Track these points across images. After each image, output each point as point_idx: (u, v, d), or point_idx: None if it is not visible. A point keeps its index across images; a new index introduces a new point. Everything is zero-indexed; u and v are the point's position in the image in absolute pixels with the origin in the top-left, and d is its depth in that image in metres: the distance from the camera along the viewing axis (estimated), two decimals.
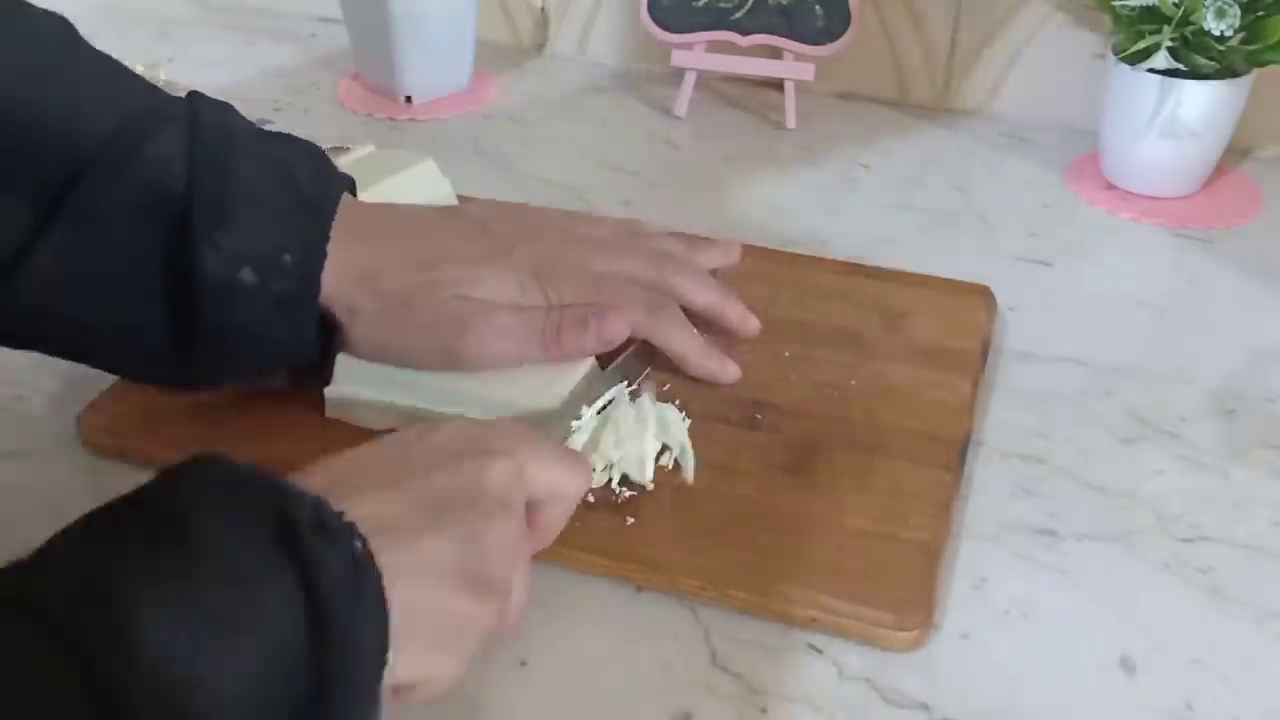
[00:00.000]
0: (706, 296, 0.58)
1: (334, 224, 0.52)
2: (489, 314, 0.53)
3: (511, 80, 0.96)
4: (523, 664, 0.46)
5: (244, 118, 0.53)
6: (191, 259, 0.48)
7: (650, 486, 0.52)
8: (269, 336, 0.51)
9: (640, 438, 0.53)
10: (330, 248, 0.51)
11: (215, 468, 0.35)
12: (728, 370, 0.58)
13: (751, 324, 0.60)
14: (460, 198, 0.70)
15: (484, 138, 0.87)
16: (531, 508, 0.44)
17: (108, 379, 0.58)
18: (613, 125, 0.90)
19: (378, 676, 0.35)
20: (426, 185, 0.68)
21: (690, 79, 0.90)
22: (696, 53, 0.89)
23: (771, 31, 0.87)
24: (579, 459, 0.47)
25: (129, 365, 0.53)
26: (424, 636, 0.37)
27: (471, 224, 0.57)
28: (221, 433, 0.54)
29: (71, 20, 0.51)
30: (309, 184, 0.52)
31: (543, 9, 1.00)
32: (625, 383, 0.55)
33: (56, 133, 0.47)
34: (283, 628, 0.32)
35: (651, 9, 0.88)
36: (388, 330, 0.53)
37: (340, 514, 0.35)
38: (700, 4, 0.88)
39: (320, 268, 0.51)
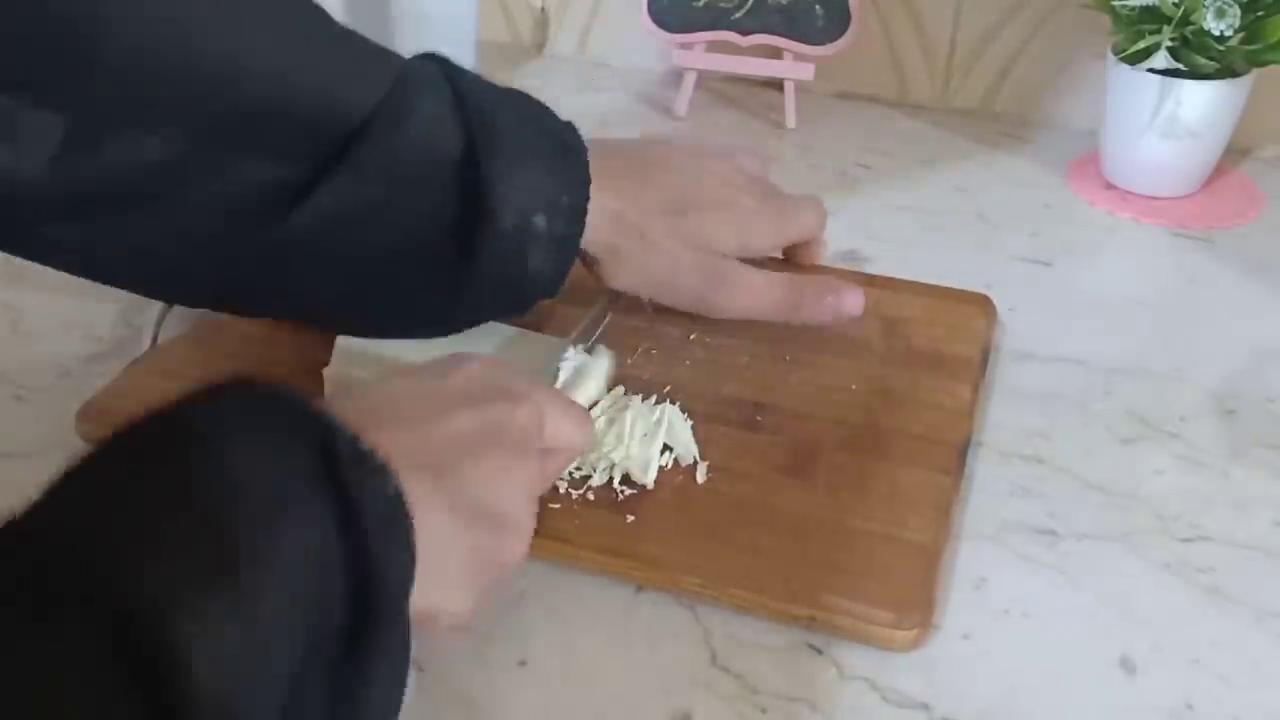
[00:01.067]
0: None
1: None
2: (745, 274, 0.59)
3: (511, 80, 0.96)
4: (523, 664, 0.46)
5: (476, 75, 0.56)
6: (482, 209, 0.50)
7: (651, 486, 0.52)
8: (547, 273, 0.54)
9: (643, 438, 0.53)
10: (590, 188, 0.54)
11: (254, 390, 0.34)
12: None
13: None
14: None
15: None
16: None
17: (107, 377, 0.58)
18: (613, 125, 0.90)
19: (405, 610, 0.35)
20: None
21: (690, 79, 0.90)
22: (696, 53, 0.89)
23: (771, 31, 0.87)
24: (585, 414, 0.49)
25: (388, 319, 0.55)
26: (442, 571, 0.38)
27: (704, 164, 0.62)
28: None
29: None
30: (558, 130, 0.56)
31: (543, 9, 1.00)
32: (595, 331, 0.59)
33: (324, 101, 0.49)
34: (320, 567, 0.32)
35: (651, 9, 0.88)
36: (652, 269, 0.58)
37: (374, 451, 0.35)
38: (700, 4, 0.88)
39: (586, 207, 0.54)
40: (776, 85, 0.90)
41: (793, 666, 0.46)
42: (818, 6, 0.86)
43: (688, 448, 0.53)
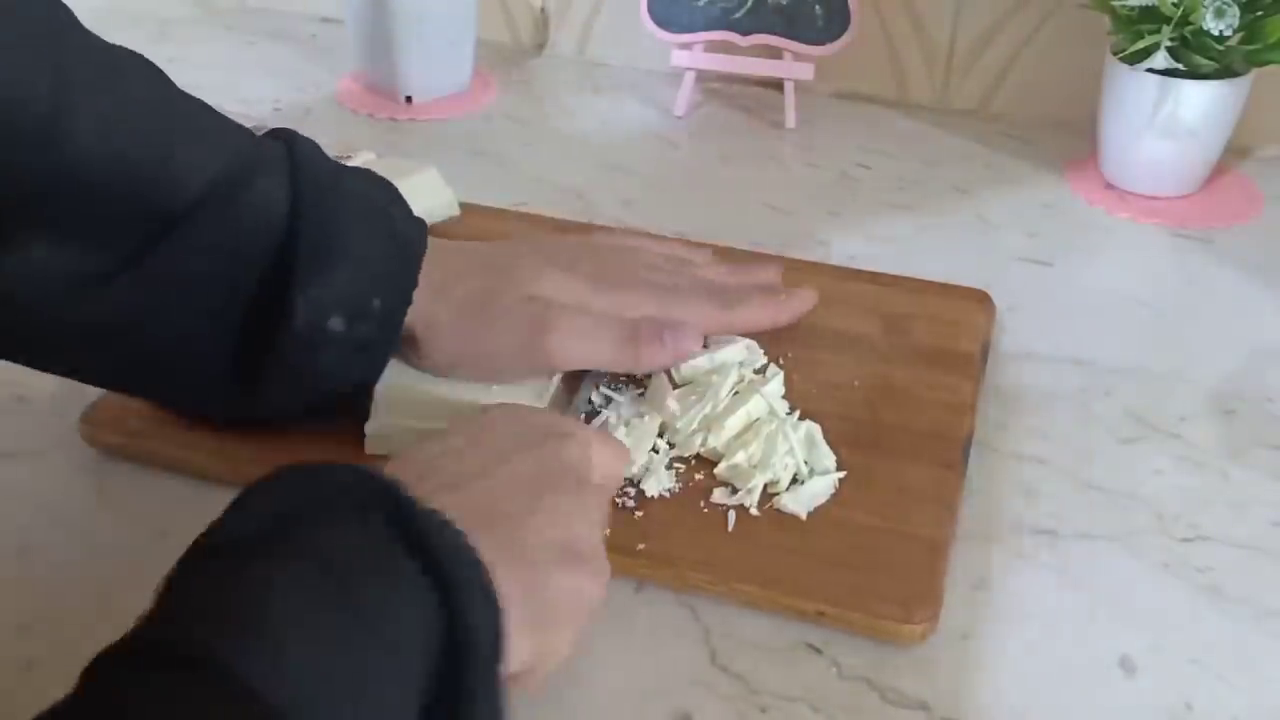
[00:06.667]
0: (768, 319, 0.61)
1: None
2: (571, 315, 0.54)
3: (511, 80, 0.96)
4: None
5: (329, 157, 0.53)
6: (283, 303, 0.49)
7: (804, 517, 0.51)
8: (342, 377, 0.52)
9: (786, 454, 0.52)
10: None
11: (335, 472, 0.36)
12: (801, 302, 0.62)
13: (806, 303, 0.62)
14: (462, 205, 0.70)
15: (484, 138, 0.87)
16: None
17: None
18: (613, 125, 0.90)
19: (499, 670, 0.36)
20: (429, 193, 0.68)
21: (690, 79, 0.90)
22: (696, 53, 0.89)
23: (771, 31, 0.87)
24: (621, 444, 0.48)
25: (181, 395, 0.54)
26: (534, 619, 0.38)
27: (539, 244, 0.59)
28: (233, 431, 0.54)
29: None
30: (402, 232, 0.53)
31: (543, 9, 1.00)
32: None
33: (154, 179, 0.47)
34: (420, 637, 0.33)
35: (651, 9, 0.88)
36: (468, 332, 0.53)
37: (440, 513, 0.36)
38: (700, 4, 0.88)
39: (404, 314, 0.52)
40: (776, 85, 0.91)
41: (793, 666, 0.46)
42: (818, 6, 0.86)
43: (829, 467, 0.53)
